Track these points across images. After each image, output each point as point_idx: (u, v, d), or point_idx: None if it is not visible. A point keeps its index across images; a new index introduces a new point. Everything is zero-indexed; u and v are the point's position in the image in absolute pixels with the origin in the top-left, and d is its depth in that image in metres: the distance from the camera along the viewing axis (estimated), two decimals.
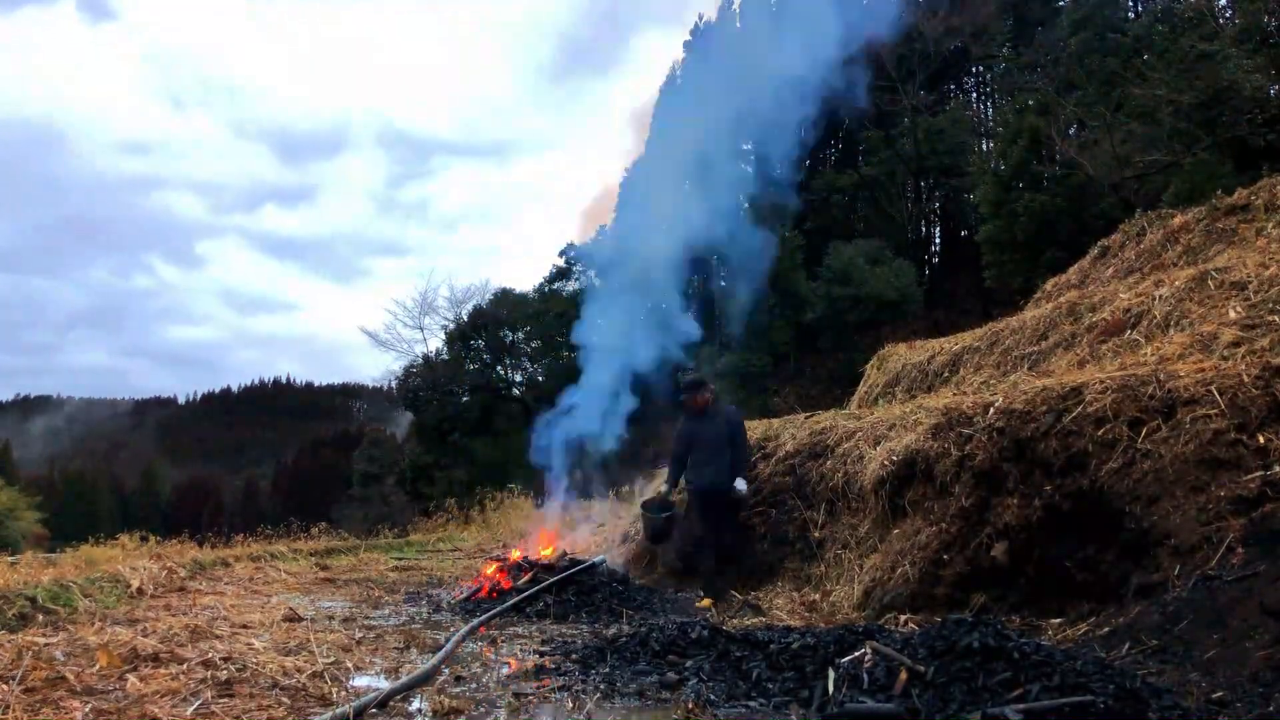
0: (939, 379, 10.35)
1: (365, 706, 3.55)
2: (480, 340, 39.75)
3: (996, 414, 5.63)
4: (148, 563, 7.90)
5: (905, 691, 3.35)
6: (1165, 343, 6.33)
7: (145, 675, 3.91)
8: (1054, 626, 4.72)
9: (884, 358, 12.44)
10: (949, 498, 5.72)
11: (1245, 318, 6.00)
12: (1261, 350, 5.27)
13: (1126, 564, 4.59)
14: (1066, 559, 4.88)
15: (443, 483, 33.74)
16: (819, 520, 7.53)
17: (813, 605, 6.67)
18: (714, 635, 4.71)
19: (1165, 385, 5.01)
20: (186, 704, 3.52)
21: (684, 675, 4.13)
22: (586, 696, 3.86)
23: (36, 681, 3.70)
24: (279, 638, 5.01)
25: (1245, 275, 6.81)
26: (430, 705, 3.70)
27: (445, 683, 4.16)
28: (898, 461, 6.50)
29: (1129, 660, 3.83)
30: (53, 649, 4.31)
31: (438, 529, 20.65)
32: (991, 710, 3.07)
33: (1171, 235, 9.71)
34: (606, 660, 4.47)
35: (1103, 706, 3.00)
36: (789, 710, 3.62)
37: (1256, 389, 4.71)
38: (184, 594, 7.11)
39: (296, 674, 4.03)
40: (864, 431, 7.84)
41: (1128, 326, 7.34)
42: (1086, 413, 5.10)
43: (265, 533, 15.33)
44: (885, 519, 6.61)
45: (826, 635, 4.34)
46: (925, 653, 3.54)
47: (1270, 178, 9.75)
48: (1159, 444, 4.72)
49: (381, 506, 39.57)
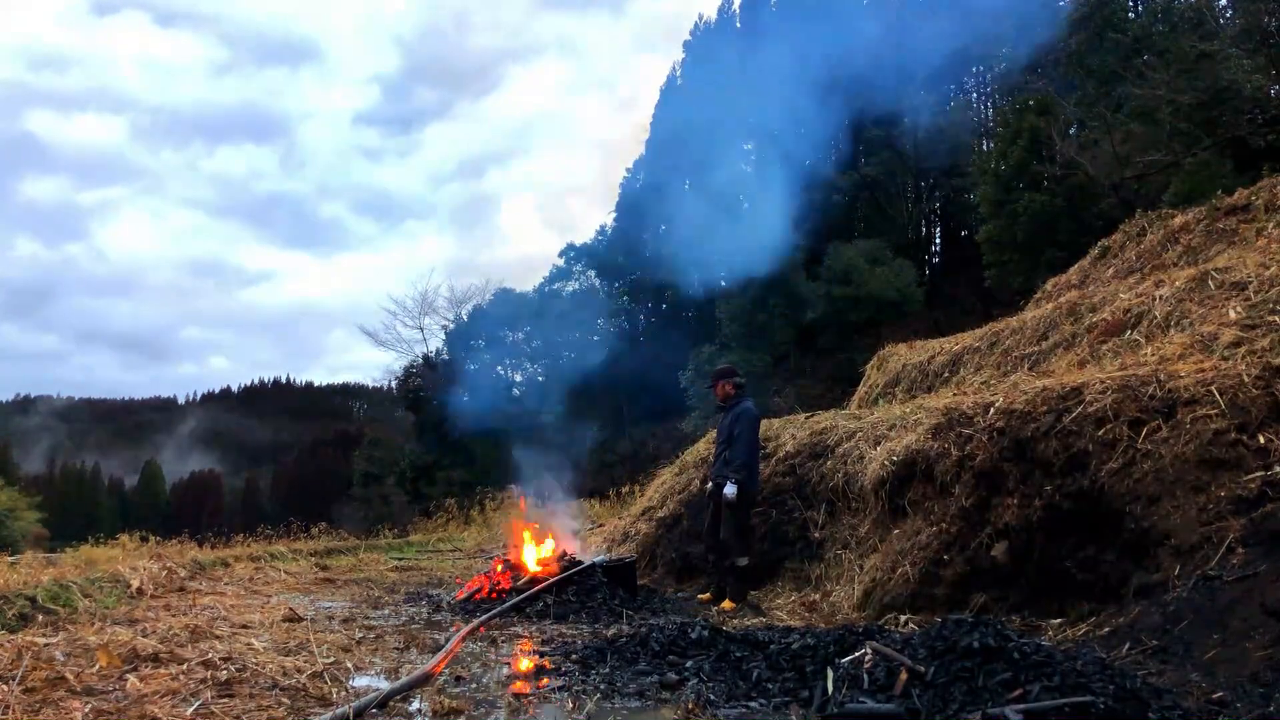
0: (939, 379, 10.36)
1: (365, 707, 3.55)
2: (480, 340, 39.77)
3: (997, 414, 5.63)
4: (148, 563, 7.90)
5: (905, 692, 3.35)
6: (1165, 343, 6.33)
7: (145, 675, 3.91)
8: (1054, 626, 4.71)
9: (884, 358, 12.45)
10: (949, 498, 5.72)
11: (1245, 318, 6.00)
12: (1262, 350, 5.26)
13: (1126, 564, 4.59)
14: (1066, 559, 4.88)
15: (443, 483, 33.75)
16: (819, 520, 7.53)
17: (813, 605, 6.67)
18: (714, 635, 4.71)
19: (1165, 385, 5.01)
20: (186, 704, 3.52)
21: (684, 675, 4.13)
22: (586, 696, 3.86)
23: (36, 681, 3.70)
24: (279, 638, 5.00)
25: (1245, 275, 6.81)
26: (430, 705, 3.70)
27: (445, 683, 4.16)
28: (898, 462, 6.50)
29: (1129, 660, 3.83)
30: (53, 649, 4.31)
31: (438, 529, 20.67)
32: (991, 710, 3.07)
33: (1172, 235, 9.72)
34: (606, 660, 4.47)
35: (1103, 707, 3.00)
36: (789, 710, 3.62)
37: (1257, 389, 4.71)
38: (184, 594, 7.11)
39: (296, 674, 4.03)
40: (864, 431, 7.84)
41: (1128, 327, 7.35)
42: (1087, 413, 5.10)
43: (265, 533, 15.34)
44: (885, 519, 6.61)
45: (826, 635, 4.34)
46: (925, 653, 3.54)
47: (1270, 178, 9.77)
48: (1159, 444, 4.72)
49: (381, 506, 39.54)
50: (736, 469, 7.20)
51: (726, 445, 7.39)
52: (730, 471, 7.21)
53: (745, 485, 7.20)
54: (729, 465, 7.27)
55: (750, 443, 7.37)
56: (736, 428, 7.32)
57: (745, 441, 7.30)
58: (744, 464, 7.24)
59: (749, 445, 7.35)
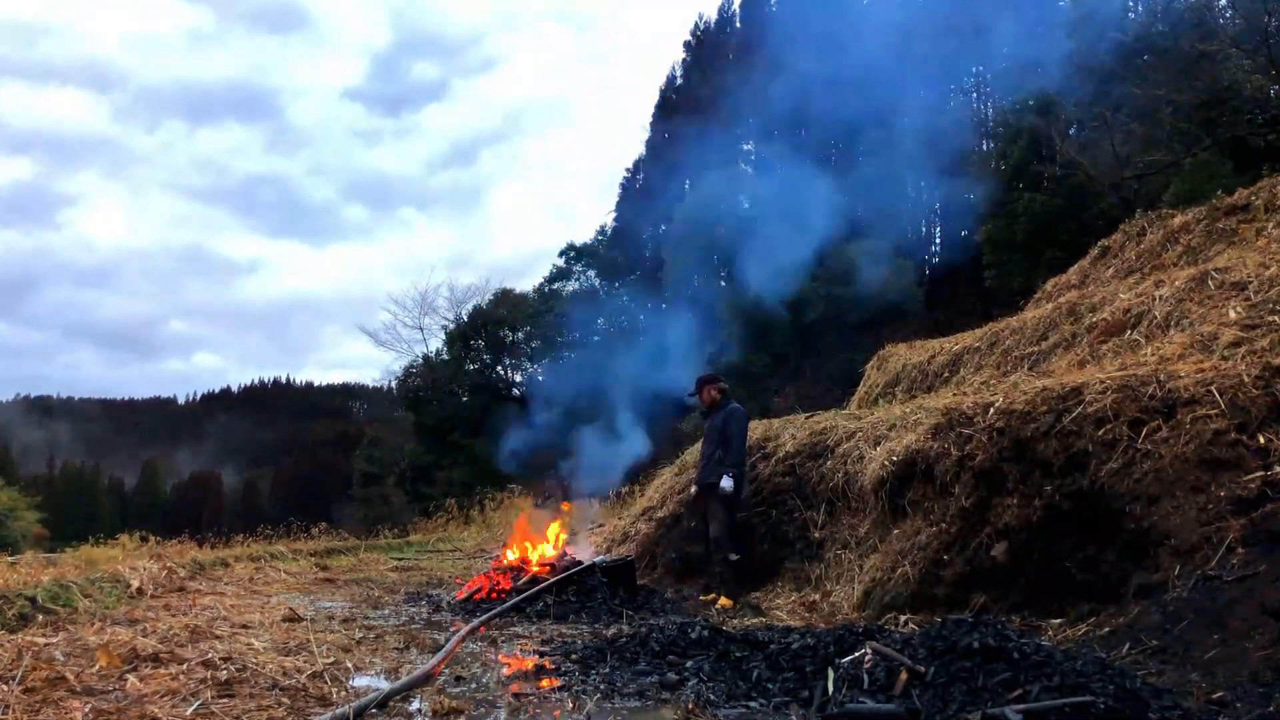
0: (939, 379, 10.36)
1: (365, 707, 3.55)
2: (480, 340, 39.76)
3: (997, 414, 5.63)
4: (148, 563, 7.89)
5: (905, 692, 3.35)
6: (1165, 343, 6.33)
7: (145, 675, 3.91)
8: (1054, 626, 4.71)
9: (884, 358, 12.45)
10: (949, 498, 5.72)
11: (1245, 318, 6.00)
12: (1261, 350, 5.26)
13: (1126, 564, 4.59)
14: (1066, 559, 4.88)
15: (443, 483, 33.75)
16: (819, 520, 7.53)
17: (813, 605, 6.67)
18: (714, 635, 4.71)
19: (1165, 385, 5.01)
20: (186, 704, 3.52)
21: (684, 675, 4.13)
22: (586, 697, 3.86)
23: (36, 681, 3.70)
24: (279, 638, 5.00)
25: (1245, 275, 6.81)
26: (430, 705, 3.70)
27: (445, 683, 4.16)
28: (898, 462, 6.50)
29: (1129, 660, 3.83)
30: (53, 649, 4.31)
31: (438, 529, 20.66)
32: (991, 710, 3.07)
33: (1171, 235, 9.72)
34: (606, 660, 4.47)
35: (1103, 707, 3.00)
36: (789, 710, 3.62)
37: (1256, 389, 4.72)
38: (184, 594, 7.11)
39: (296, 674, 4.03)
40: (864, 432, 7.84)
41: (1128, 326, 7.35)
42: (1086, 413, 5.10)
43: (265, 533, 15.33)
44: (885, 519, 6.60)
45: (826, 635, 4.34)
46: (925, 653, 3.54)
47: (1270, 178, 9.77)
48: (1159, 444, 4.72)
49: (381, 506, 39.54)
50: (731, 464, 7.42)
51: (718, 445, 7.54)
52: (724, 468, 7.41)
53: (739, 480, 7.46)
54: (723, 463, 7.45)
55: (743, 441, 7.66)
56: (730, 427, 7.52)
57: (740, 440, 7.56)
58: (737, 460, 7.48)
59: (742, 443, 7.63)
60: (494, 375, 40.47)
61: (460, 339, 39.43)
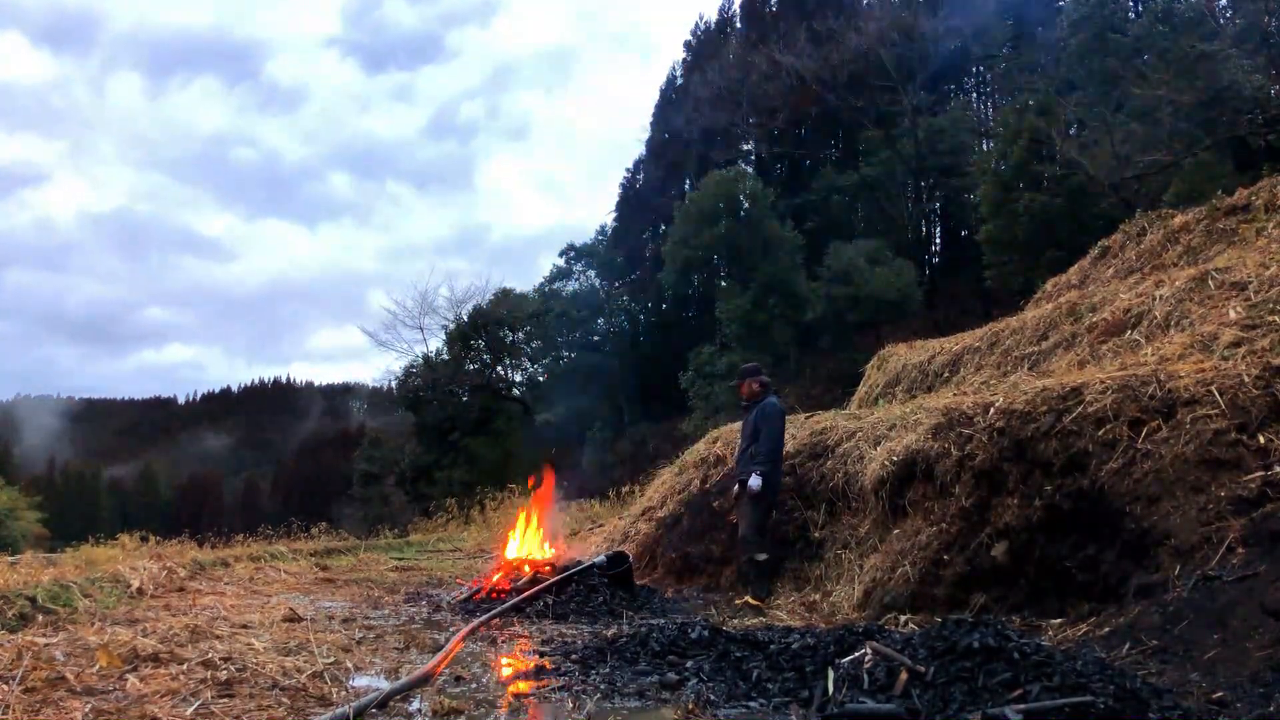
0: (939, 379, 10.36)
1: (365, 707, 3.55)
2: (480, 340, 39.76)
3: (997, 414, 5.63)
4: (148, 563, 7.89)
5: (905, 692, 3.35)
6: (1165, 343, 6.34)
7: (145, 675, 3.90)
8: (1054, 626, 4.71)
9: (884, 358, 12.45)
10: (949, 498, 5.72)
11: (1245, 318, 6.00)
12: (1262, 350, 5.27)
13: (1126, 564, 4.59)
14: (1066, 559, 4.88)
15: (443, 483, 33.74)
16: (819, 520, 7.53)
17: (813, 605, 6.68)
18: (714, 635, 4.71)
19: (1165, 385, 5.01)
20: (186, 704, 3.52)
21: (684, 675, 4.13)
22: (586, 697, 3.86)
23: (36, 681, 3.70)
24: (279, 638, 5.00)
25: (1245, 275, 6.81)
26: (430, 705, 3.70)
27: (445, 683, 4.16)
28: (898, 462, 6.50)
29: (1129, 660, 3.83)
30: (53, 649, 4.31)
31: (438, 529, 20.66)
32: (991, 710, 3.07)
33: (1172, 235, 9.72)
34: (606, 660, 4.47)
35: (1103, 707, 3.00)
36: (789, 710, 3.62)
37: (1257, 389, 4.72)
38: (184, 594, 7.11)
39: (296, 674, 4.03)
40: (864, 432, 7.84)
41: (1128, 327, 7.35)
42: (1086, 413, 5.10)
43: (265, 533, 15.33)
44: (885, 519, 6.61)
45: (826, 635, 4.34)
46: (925, 653, 3.54)
47: (1270, 178, 9.76)
48: (1159, 444, 4.72)
49: (381, 506, 39.55)
50: (761, 461, 7.19)
51: (752, 441, 7.34)
52: (755, 465, 7.20)
53: (769, 477, 7.19)
54: (754, 459, 7.24)
55: (776, 437, 7.36)
56: (762, 423, 7.30)
57: (771, 436, 7.30)
58: (769, 457, 7.23)
59: (775, 439, 7.34)
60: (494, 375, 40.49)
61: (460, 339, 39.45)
